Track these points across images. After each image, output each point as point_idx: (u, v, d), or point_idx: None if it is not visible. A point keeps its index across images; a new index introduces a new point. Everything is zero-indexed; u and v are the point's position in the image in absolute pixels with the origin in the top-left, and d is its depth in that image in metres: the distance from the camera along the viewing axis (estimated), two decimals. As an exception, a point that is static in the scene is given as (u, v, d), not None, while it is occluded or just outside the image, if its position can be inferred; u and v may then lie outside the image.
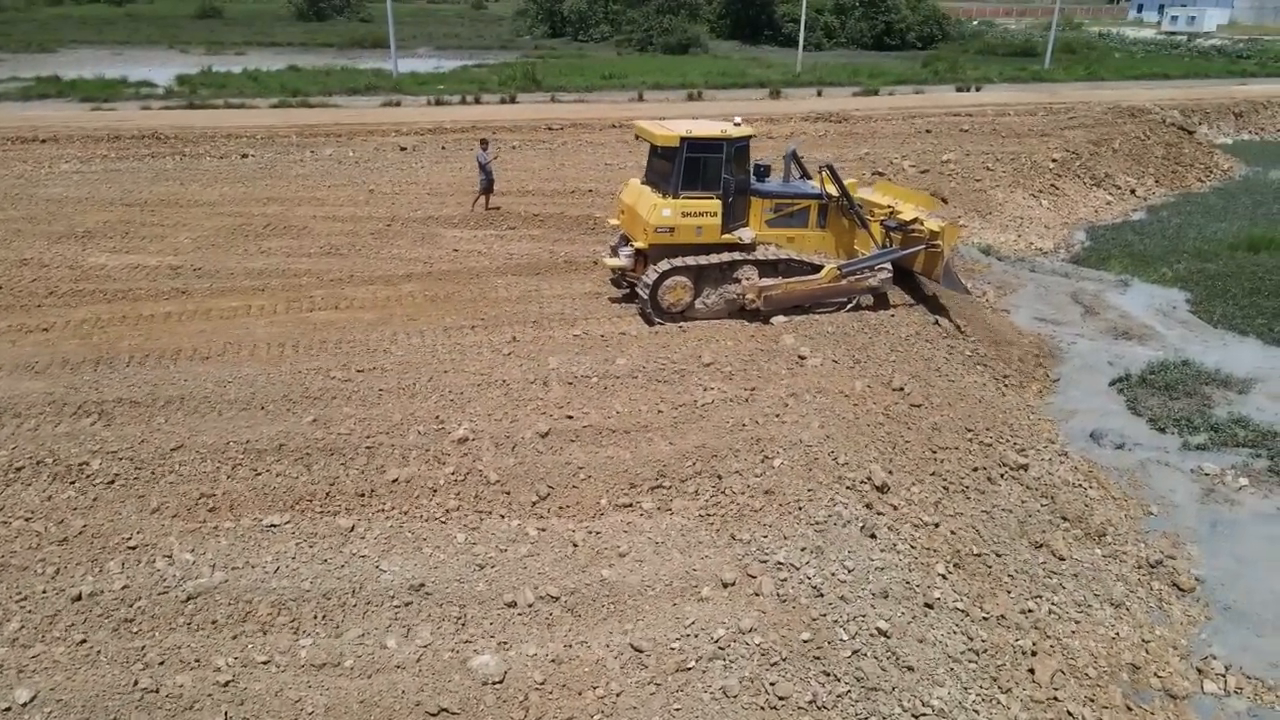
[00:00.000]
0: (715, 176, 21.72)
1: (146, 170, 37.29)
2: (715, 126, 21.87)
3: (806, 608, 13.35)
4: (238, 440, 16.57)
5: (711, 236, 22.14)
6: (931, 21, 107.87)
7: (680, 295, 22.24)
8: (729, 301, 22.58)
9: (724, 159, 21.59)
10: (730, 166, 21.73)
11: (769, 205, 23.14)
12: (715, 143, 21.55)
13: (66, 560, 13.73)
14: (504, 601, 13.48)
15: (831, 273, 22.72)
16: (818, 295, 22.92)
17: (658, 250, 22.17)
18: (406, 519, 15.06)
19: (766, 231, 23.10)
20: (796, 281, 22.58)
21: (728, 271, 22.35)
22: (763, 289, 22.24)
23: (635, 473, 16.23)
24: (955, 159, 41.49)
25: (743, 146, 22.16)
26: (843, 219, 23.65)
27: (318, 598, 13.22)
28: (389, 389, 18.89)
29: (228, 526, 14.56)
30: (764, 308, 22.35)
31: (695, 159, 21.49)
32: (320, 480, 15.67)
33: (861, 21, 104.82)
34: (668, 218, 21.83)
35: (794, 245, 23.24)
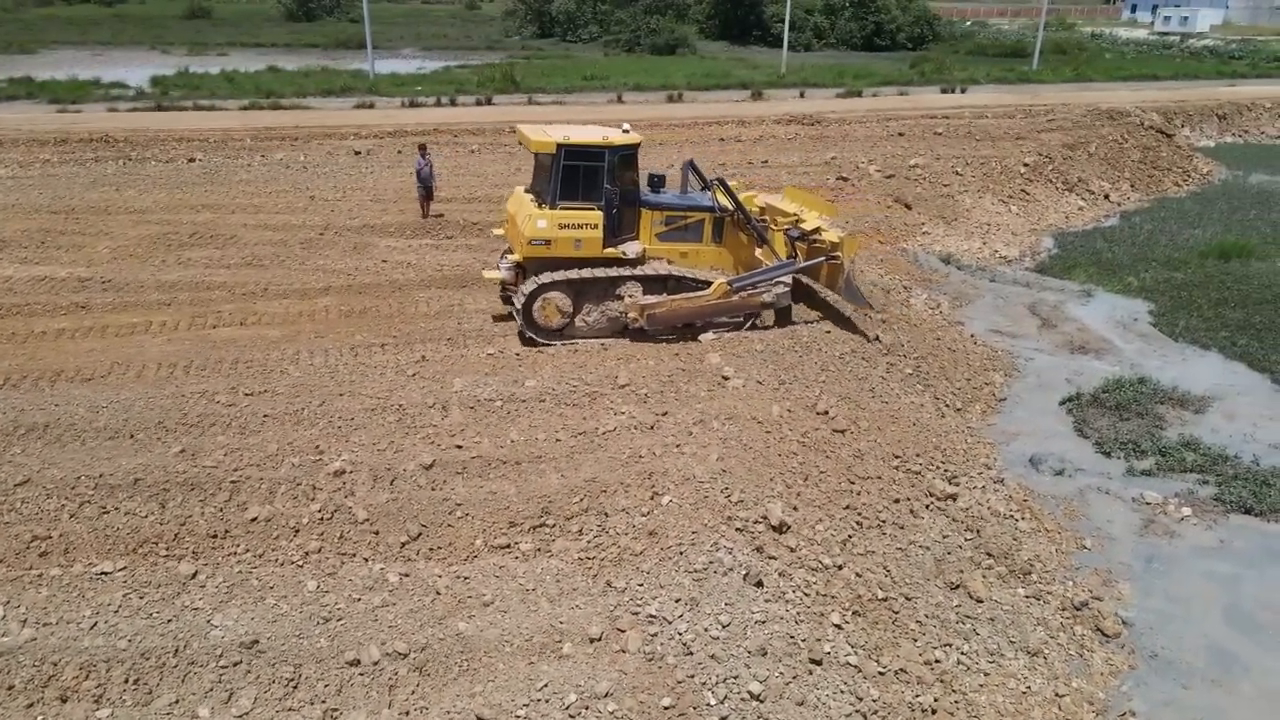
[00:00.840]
0: (596, 186, 20.43)
1: (85, 175, 36.12)
2: (597, 133, 20.67)
3: (673, 668, 12.12)
4: (91, 474, 15.35)
5: (592, 250, 20.86)
6: (922, 22, 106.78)
7: (557, 312, 21.03)
8: (612, 320, 21.36)
9: (605, 168, 20.31)
10: (613, 176, 20.46)
11: (659, 218, 21.77)
12: (595, 150, 20.28)
13: None
14: (345, 659, 12.27)
15: (720, 288, 21.36)
16: (707, 313, 21.56)
17: (536, 264, 20.91)
18: (260, 563, 13.87)
19: (657, 245, 21.81)
20: (683, 298, 21.25)
21: (611, 287, 21.08)
22: (645, 306, 20.97)
23: (518, 510, 15.03)
24: (924, 163, 40.29)
25: (628, 155, 20.95)
26: (740, 233, 22.29)
27: (134, 658, 12.01)
28: (274, 414, 17.69)
29: (54, 574, 13.34)
30: (648, 326, 21.10)
31: (573, 167, 20.22)
32: (171, 520, 14.47)
33: (851, 22, 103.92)
34: (543, 229, 20.57)
35: (687, 260, 21.96)
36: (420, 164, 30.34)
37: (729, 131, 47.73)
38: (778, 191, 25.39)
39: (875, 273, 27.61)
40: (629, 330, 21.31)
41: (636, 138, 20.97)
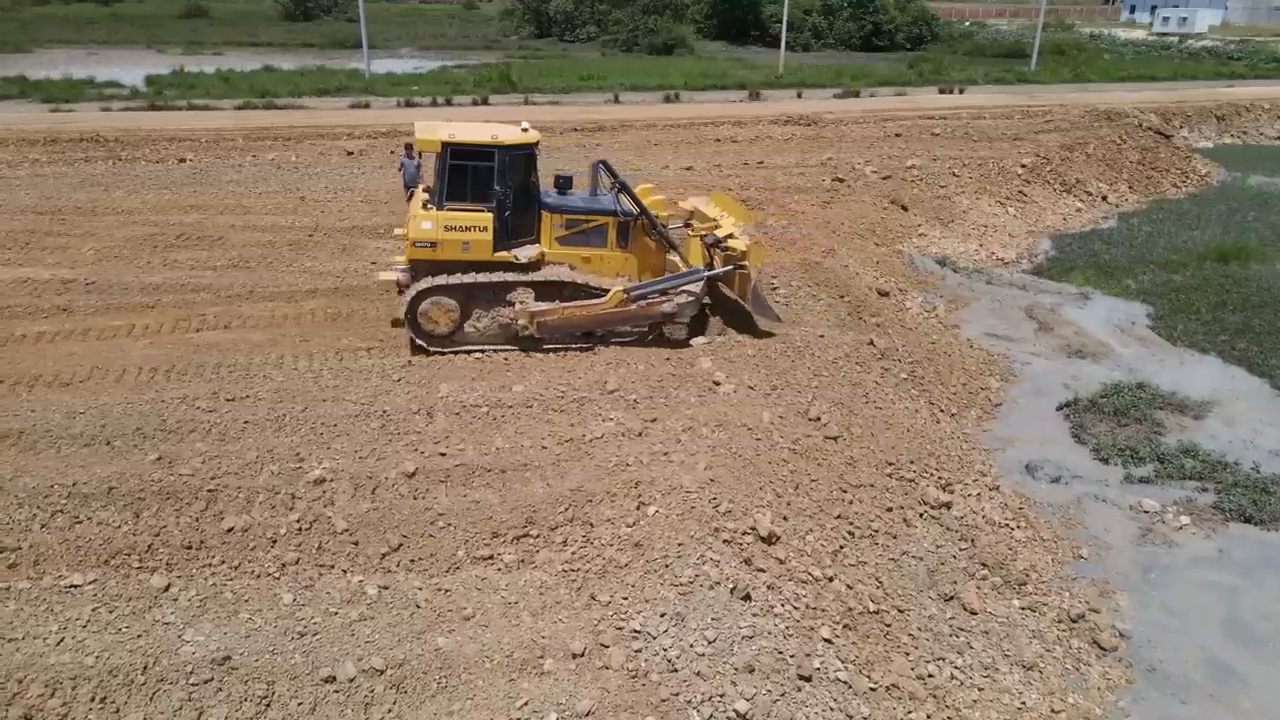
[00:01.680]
0: (485, 187, 19.66)
1: (74, 175, 35.71)
2: (486, 131, 19.79)
3: (657, 686, 11.77)
4: (64, 483, 14.99)
5: (482, 253, 20.05)
6: (920, 22, 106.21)
7: (442, 318, 20.28)
8: (503, 326, 20.57)
9: (495, 168, 19.53)
10: (505, 176, 19.67)
11: (559, 221, 20.90)
12: (484, 149, 19.48)
13: None
14: (320, 676, 11.92)
15: (617, 297, 20.46)
16: (604, 321, 20.77)
17: (424, 267, 20.15)
18: (235, 575, 13.53)
19: (558, 250, 20.95)
20: (576, 306, 20.44)
21: (503, 293, 20.34)
22: (535, 314, 20.26)
23: (501, 519, 14.69)
24: (921, 164, 39.94)
25: (523, 155, 20.14)
26: (648, 238, 21.41)
27: (101, 676, 11.64)
28: (255, 421, 17.36)
29: (23, 587, 13.01)
30: (539, 334, 20.44)
31: (460, 167, 19.50)
32: (145, 530, 14.13)
33: (849, 22, 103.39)
34: (428, 231, 19.80)
35: (590, 266, 21.11)
36: (406, 164, 29.90)
37: (724, 132, 47.39)
38: (703, 195, 24.86)
39: (870, 275, 27.17)
40: (521, 338, 20.60)
41: (533, 136, 20.15)
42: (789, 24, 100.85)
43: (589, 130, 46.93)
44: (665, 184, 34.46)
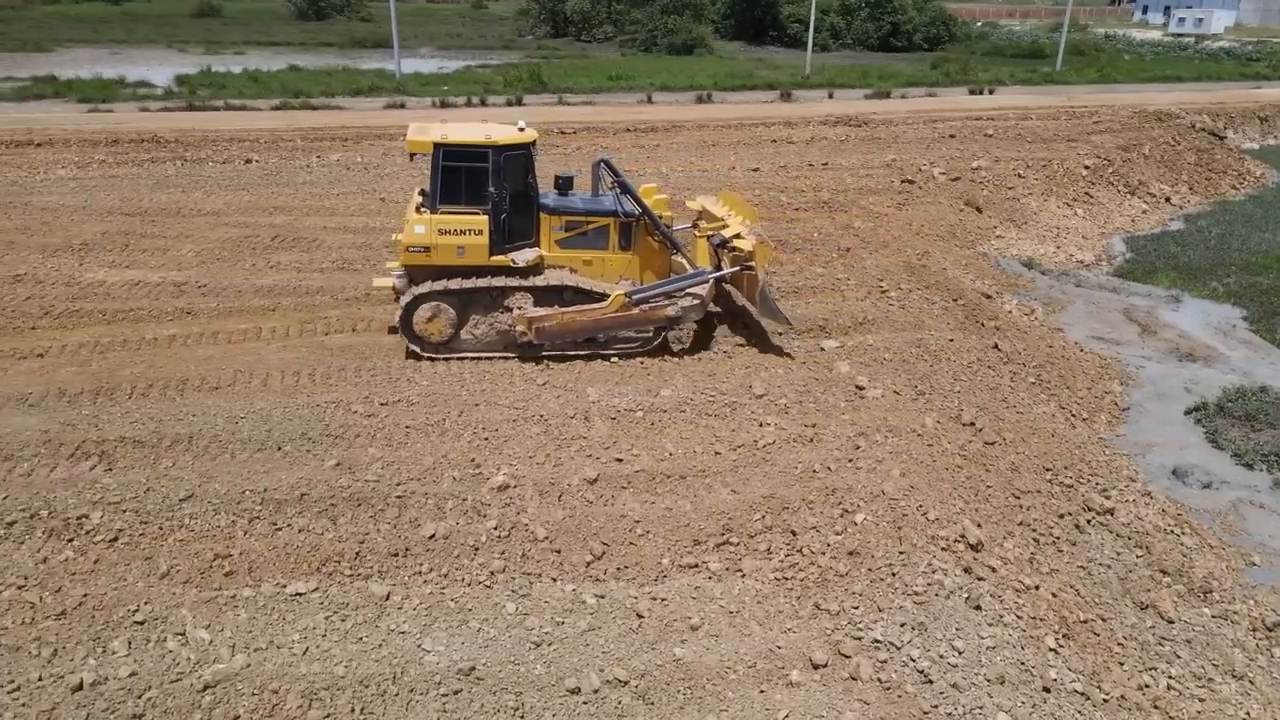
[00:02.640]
0: (480, 189, 19.14)
1: (147, 176, 35.52)
2: (480, 131, 19.27)
3: (914, 697, 11.67)
4: (254, 488, 14.90)
5: (478, 258, 19.52)
6: (938, 23, 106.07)
7: (438, 325, 19.85)
8: (502, 333, 20.07)
9: (490, 169, 18.95)
10: (500, 178, 19.09)
11: (559, 223, 20.39)
12: (478, 150, 18.95)
13: (65, 639, 12.03)
14: (566, 687, 11.81)
15: (618, 301, 19.86)
16: (605, 326, 20.16)
17: (419, 272, 19.71)
18: (447, 583, 13.43)
19: (558, 253, 20.44)
20: (575, 311, 19.82)
21: (501, 298, 19.84)
22: (534, 320, 19.65)
23: (698, 527, 14.57)
24: (986, 165, 39.76)
25: (518, 155, 19.45)
26: (651, 239, 20.81)
27: (354, 685, 11.54)
28: (416, 425, 17.27)
29: (247, 595, 12.88)
30: (537, 341, 19.84)
31: (454, 169, 19.04)
32: (348, 537, 14.01)
33: (868, 22, 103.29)
34: (421, 235, 19.34)
35: (592, 269, 20.58)
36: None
37: (778, 133, 47.26)
38: (712, 195, 24.35)
39: (967, 278, 27.05)
40: (519, 345, 20.13)
41: (530, 135, 19.54)
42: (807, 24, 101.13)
43: (642, 130, 46.77)
44: (734, 185, 34.54)
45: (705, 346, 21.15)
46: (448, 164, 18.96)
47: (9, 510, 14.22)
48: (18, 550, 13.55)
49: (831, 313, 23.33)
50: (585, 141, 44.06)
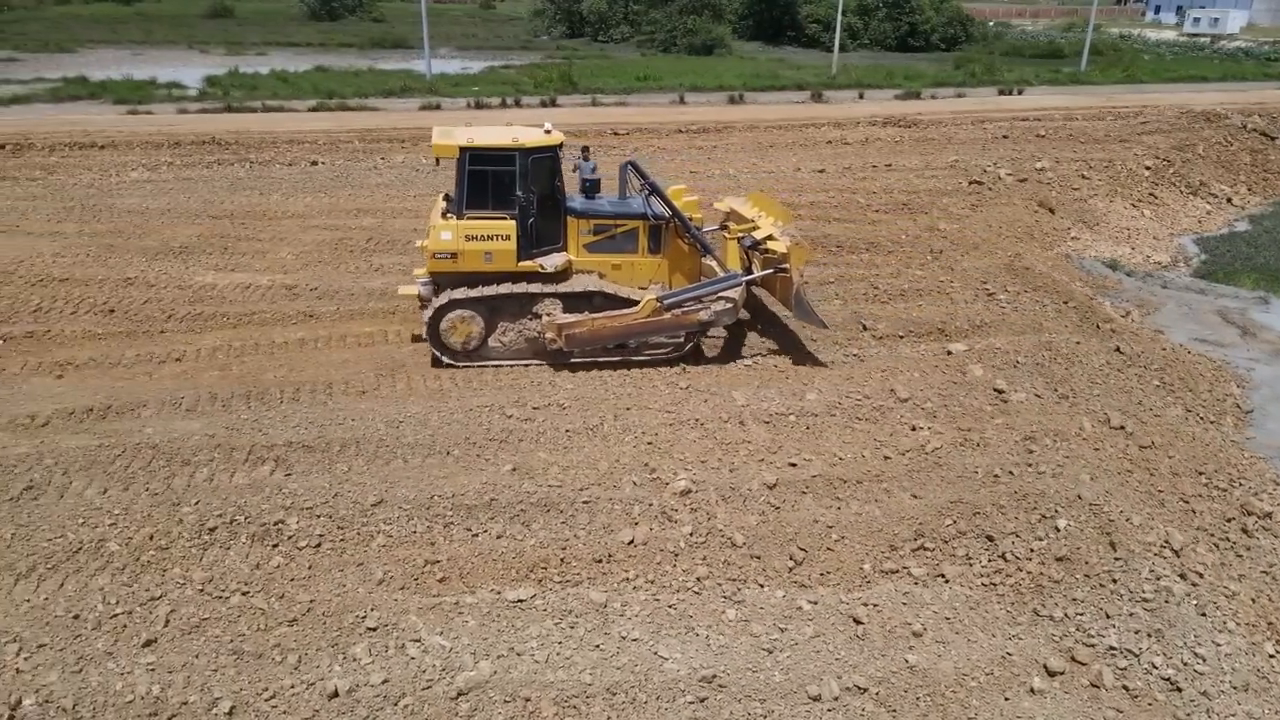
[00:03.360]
0: (508, 193, 18.75)
1: (219, 179, 35.46)
2: (507, 134, 18.95)
3: (1165, 705, 11.67)
4: (440, 494, 14.90)
5: (506, 264, 19.14)
6: (955, 23, 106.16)
7: (467, 332, 19.48)
8: (531, 340, 19.73)
9: (517, 173, 18.57)
10: (527, 182, 18.69)
11: (587, 227, 19.98)
12: (504, 154, 18.55)
13: (305, 645, 12.00)
14: (808, 695, 11.70)
15: (650, 305, 19.40)
16: (636, 332, 19.68)
17: (447, 279, 19.30)
18: (657, 590, 13.39)
19: (586, 257, 20.05)
20: (606, 317, 19.41)
21: (529, 305, 19.43)
22: (563, 326, 19.21)
23: (891, 532, 14.57)
24: (1049, 166, 39.74)
25: (545, 158, 19.05)
26: (681, 242, 20.45)
27: (602, 693, 11.53)
28: (575, 430, 17.26)
29: (469, 601, 12.89)
30: (567, 348, 19.39)
31: (480, 173, 18.57)
32: (549, 543, 14.01)
33: (885, 22, 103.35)
34: (447, 241, 18.88)
35: (621, 274, 20.22)
36: (583, 166, 29.63)
37: (829, 134, 47.35)
38: (740, 196, 23.92)
39: (1063, 278, 27.00)
40: (549, 352, 19.75)
41: (557, 138, 19.14)
42: (825, 25, 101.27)
43: (694, 131, 46.83)
44: (802, 187, 34.59)
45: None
46: (474, 168, 18.55)
47: (206, 516, 14.17)
48: (227, 555, 13.51)
49: (946, 315, 23.28)
50: (640, 142, 44.11)
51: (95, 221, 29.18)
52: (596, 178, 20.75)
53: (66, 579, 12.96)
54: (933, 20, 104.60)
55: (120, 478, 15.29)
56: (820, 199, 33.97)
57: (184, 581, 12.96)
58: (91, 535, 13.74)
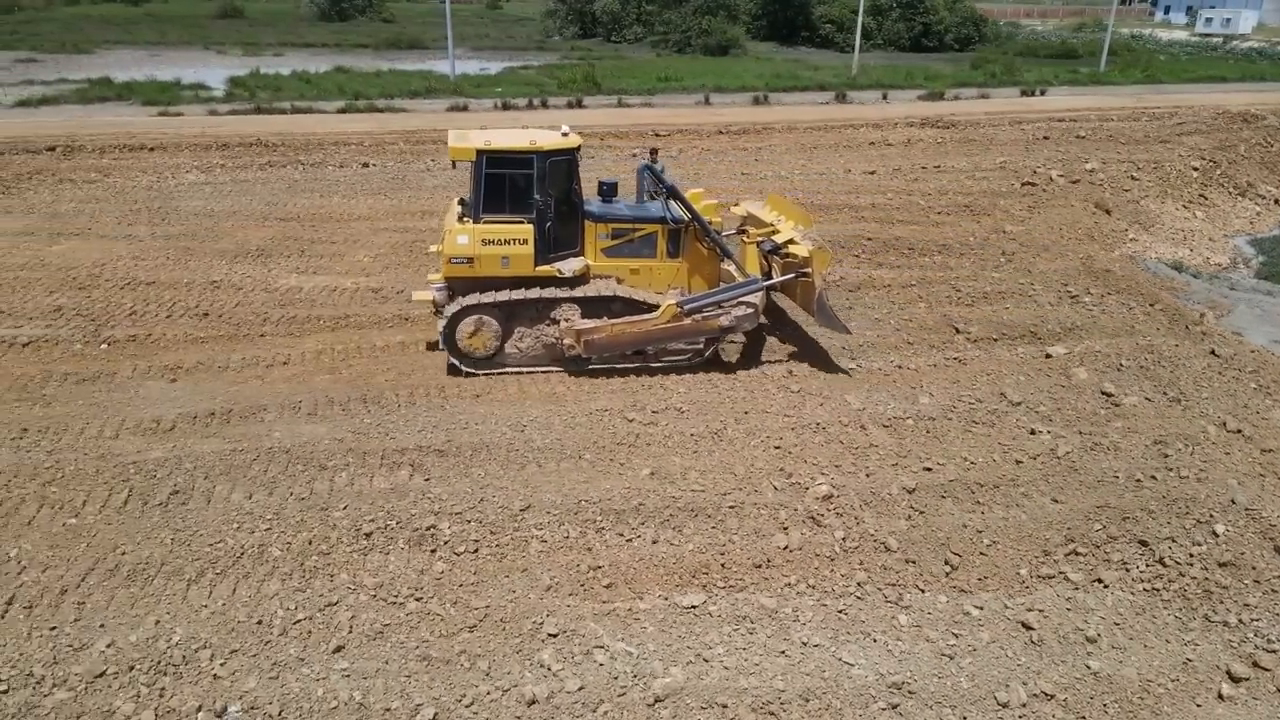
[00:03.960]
0: (524, 197, 18.47)
1: (274, 180, 35.45)
2: (524, 137, 18.63)
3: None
4: (586, 498, 14.90)
5: (523, 269, 18.83)
6: (969, 23, 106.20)
7: (483, 339, 19.16)
8: (548, 346, 19.44)
9: (535, 176, 18.28)
10: (545, 185, 18.38)
11: (604, 231, 19.64)
12: (522, 157, 18.24)
13: (491, 651, 12.01)
14: (996, 701, 11.70)
15: (670, 311, 19.09)
16: (656, 338, 19.38)
17: (463, 285, 18.99)
18: (822, 595, 13.36)
19: (604, 262, 19.71)
20: (625, 322, 19.11)
21: (547, 310, 19.16)
22: (582, 332, 18.93)
23: (1041, 536, 14.59)
24: (1098, 167, 39.72)
25: (563, 161, 18.74)
26: (702, 245, 20.13)
27: (797, 700, 11.53)
28: (699, 434, 17.27)
29: (642, 607, 12.88)
30: (586, 354, 19.16)
31: (497, 176, 18.24)
32: (706, 548, 14.03)
33: (899, 23, 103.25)
34: (464, 246, 18.57)
35: (639, 278, 19.91)
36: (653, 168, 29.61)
37: (870, 135, 47.31)
38: (757, 200, 23.55)
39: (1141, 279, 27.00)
40: (567, 359, 19.53)
41: (574, 141, 18.85)
42: (839, 25, 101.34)
43: (735, 133, 46.73)
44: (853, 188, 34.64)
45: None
46: (491, 171, 18.24)
47: (359, 520, 14.15)
48: (388, 559, 13.52)
49: (1035, 318, 23.30)
50: (684, 144, 44.20)
51: (164, 224, 29.10)
52: (614, 180, 20.60)
53: (237, 584, 12.92)
54: (946, 20, 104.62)
55: (261, 482, 15.23)
56: (879, 200, 33.96)
57: (355, 587, 12.91)
58: (250, 540, 13.67)
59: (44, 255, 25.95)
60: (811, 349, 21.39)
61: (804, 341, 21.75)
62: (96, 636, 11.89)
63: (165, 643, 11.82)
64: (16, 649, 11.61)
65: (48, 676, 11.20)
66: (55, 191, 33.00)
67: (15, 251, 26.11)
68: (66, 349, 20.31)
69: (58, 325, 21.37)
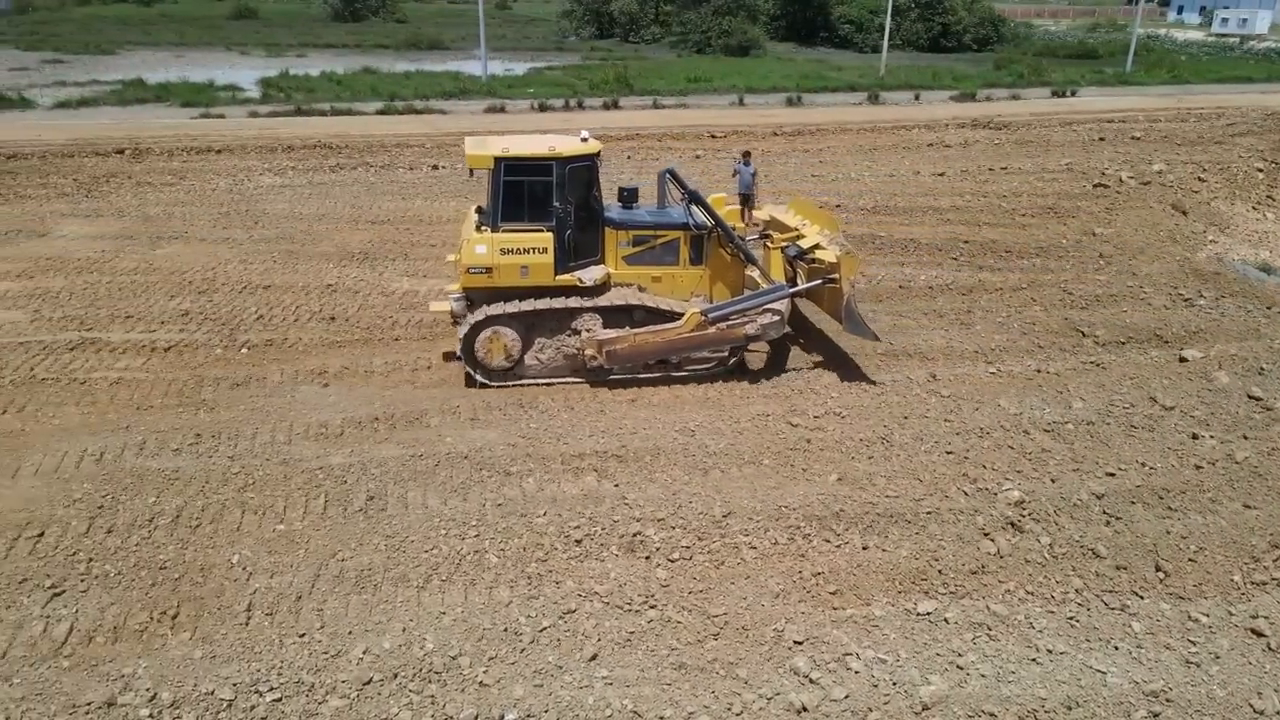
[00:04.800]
0: (544, 205, 18.02)
1: (350, 183, 35.45)
2: (543, 143, 18.24)
3: None
4: (784, 504, 14.83)
5: (543, 278, 18.32)
6: (987, 23, 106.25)
7: (503, 350, 18.67)
8: (569, 357, 18.99)
9: (554, 183, 17.85)
10: (564, 192, 18.00)
11: (625, 238, 19.22)
12: (541, 163, 17.80)
13: (742, 659, 11.97)
14: (1252, 709, 11.71)
15: (694, 320, 18.65)
16: (679, 347, 18.87)
17: (480, 295, 18.61)
18: (1046, 602, 13.32)
19: (625, 270, 19.31)
20: (648, 332, 18.58)
21: (567, 320, 18.68)
22: (604, 342, 18.46)
23: (1247, 542, 14.60)
24: (1165, 169, 39.69)
25: (582, 167, 18.30)
26: (725, 252, 19.71)
27: (1059, 709, 11.47)
28: (868, 439, 17.35)
29: (879, 614, 12.77)
30: (608, 364, 18.65)
31: (516, 183, 17.80)
32: (918, 554, 14.06)
33: (918, 23, 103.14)
34: (482, 255, 18.10)
35: (662, 286, 19.48)
36: (742, 170, 29.72)
37: (924, 136, 47.40)
38: (780, 204, 22.97)
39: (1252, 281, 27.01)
40: (588, 370, 19.05)
41: (594, 146, 18.41)
42: (858, 25, 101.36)
43: (789, 134, 46.70)
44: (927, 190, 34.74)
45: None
46: (509, 179, 17.78)
47: (564, 527, 14.12)
48: (606, 566, 13.48)
49: (1157, 321, 23.33)
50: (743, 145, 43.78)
51: (258, 227, 29.04)
52: (635, 186, 20.17)
53: (467, 591, 12.82)
54: (965, 21, 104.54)
55: (451, 488, 15.23)
56: (959, 203, 33.97)
57: (585, 594, 12.82)
58: (463, 546, 13.66)
59: (150, 259, 25.85)
60: (949, 352, 21.30)
61: (938, 344, 21.81)
62: (350, 643, 11.80)
63: (419, 650, 11.75)
64: (276, 656, 11.53)
65: (317, 684, 11.11)
66: (138, 194, 32.89)
67: (122, 255, 26.02)
68: (208, 353, 20.18)
69: (190, 329, 21.29)
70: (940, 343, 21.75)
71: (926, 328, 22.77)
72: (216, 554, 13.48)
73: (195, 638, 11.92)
